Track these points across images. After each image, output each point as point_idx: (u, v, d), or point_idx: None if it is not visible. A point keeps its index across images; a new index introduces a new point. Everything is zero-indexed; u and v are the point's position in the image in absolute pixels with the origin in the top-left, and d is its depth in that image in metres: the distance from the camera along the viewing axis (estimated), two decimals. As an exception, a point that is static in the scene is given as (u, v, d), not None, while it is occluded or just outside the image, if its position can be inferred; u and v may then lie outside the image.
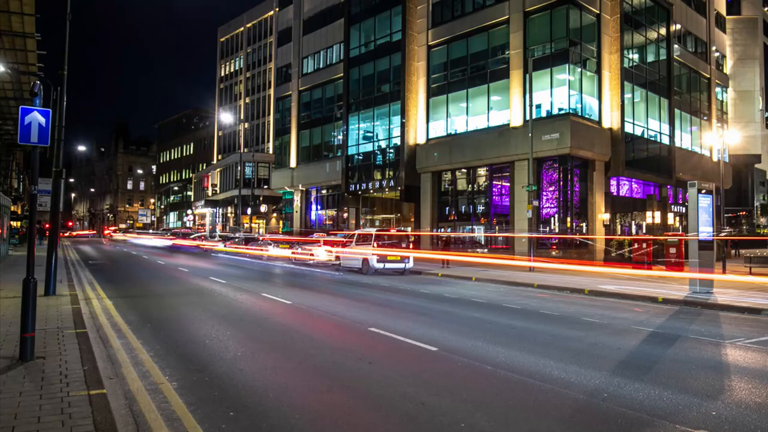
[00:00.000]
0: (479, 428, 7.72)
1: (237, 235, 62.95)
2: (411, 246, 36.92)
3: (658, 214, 50.63)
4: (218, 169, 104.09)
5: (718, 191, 46.07)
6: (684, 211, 52.36)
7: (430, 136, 53.65)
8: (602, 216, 45.37)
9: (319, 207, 71.79)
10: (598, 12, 46.21)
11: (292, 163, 72.14)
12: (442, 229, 52.79)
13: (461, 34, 51.20)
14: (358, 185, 60.15)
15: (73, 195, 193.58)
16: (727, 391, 9.51)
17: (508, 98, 47.11)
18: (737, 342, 13.82)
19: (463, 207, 52.15)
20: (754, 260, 35.54)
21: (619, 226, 48.67)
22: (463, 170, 51.67)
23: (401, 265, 34.36)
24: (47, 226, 51.21)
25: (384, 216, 62.58)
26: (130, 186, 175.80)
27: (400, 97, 55.19)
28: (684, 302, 21.01)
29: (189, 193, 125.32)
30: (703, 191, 23.79)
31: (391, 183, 56.18)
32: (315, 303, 20.81)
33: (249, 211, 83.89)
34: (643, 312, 19.10)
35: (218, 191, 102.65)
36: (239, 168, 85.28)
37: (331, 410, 8.53)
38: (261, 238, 56.98)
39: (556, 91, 44.60)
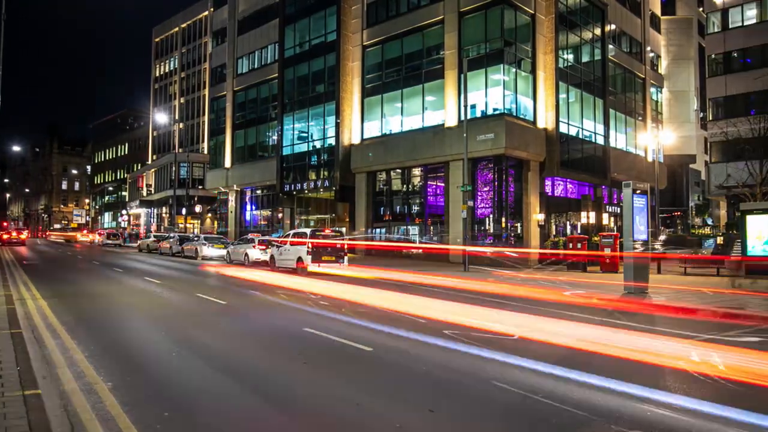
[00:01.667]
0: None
1: (171, 235, 61.94)
2: (346, 247, 36.34)
3: (593, 214, 50.70)
4: (153, 170, 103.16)
5: (653, 191, 46.23)
6: (619, 211, 52.48)
7: (365, 136, 53.20)
8: (537, 216, 45.25)
9: (254, 207, 71.43)
10: (532, 12, 46.11)
11: (227, 163, 71.56)
12: (377, 230, 52.55)
13: (396, 34, 50.83)
14: (293, 185, 59.72)
15: (8, 195, 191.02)
16: (662, 391, 9.37)
17: (443, 98, 46.81)
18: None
19: (398, 207, 51.94)
20: (688, 261, 35.61)
21: (553, 227, 48.62)
22: (398, 170, 51.46)
23: (336, 266, 33.88)
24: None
25: (319, 216, 62.03)
26: (64, 186, 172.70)
27: (334, 97, 54.68)
28: (619, 303, 20.92)
29: (124, 193, 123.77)
30: (638, 191, 23.71)
31: (326, 183, 55.79)
32: (249, 303, 21.03)
33: (184, 211, 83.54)
34: (579, 312, 18.77)
35: (153, 191, 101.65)
36: (174, 168, 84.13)
37: (266, 410, 8.58)
38: (195, 238, 56.13)
39: (491, 92, 44.43)
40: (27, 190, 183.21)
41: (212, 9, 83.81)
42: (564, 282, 28.96)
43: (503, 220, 44.08)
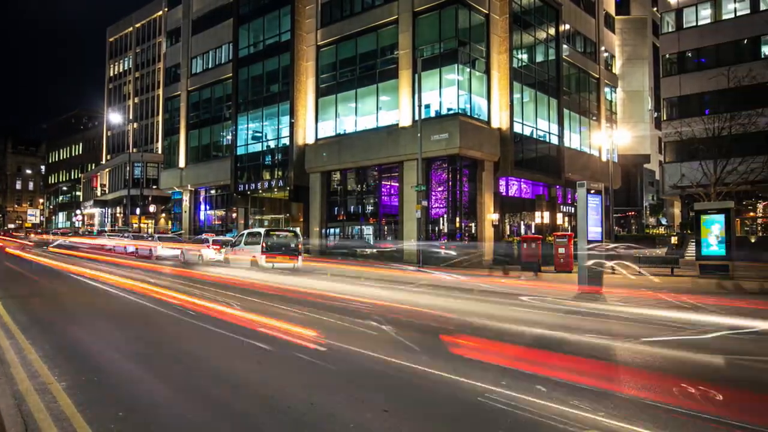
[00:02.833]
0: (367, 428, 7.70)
1: (125, 235, 61.42)
2: (300, 246, 36.15)
3: (547, 214, 50.83)
4: (107, 169, 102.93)
5: (608, 191, 46.36)
6: (573, 211, 52.69)
7: (319, 136, 52.89)
8: (491, 216, 45.25)
9: (208, 207, 71.10)
10: (487, 12, 46.07)
11: (181, 163, 71.05)
12: (332, 230, 52.38)
13: (350, 34, 50.60)
14: (247, 185, 59.32)
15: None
16: (616, 391, 9.39)
17: (397, 98, 46.64)
18: (626, 342, 13.65)
19: (353, 207, 51.71)
20: (642, 260, 35.73)
21: (508, 226, 48.66)
22: (353, 170, 51.11)
23: (290, 265, 34.14)
24: None
25: (273, 216, 61.75)
26: (19, 186, 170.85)
27: (289, 97, 54.24)
28: (574, 302, 20.82)
29: (78, 193, 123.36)
30: (592, 191, 23.71)
31: (281, 183, 55.44)
32: (205, 303, 20.31)
33: (138, 211, 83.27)
34: (534, 313, 18.71)
35: (107, 191, 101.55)
36: (128, 168, 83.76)
37: (221, 410, 8.40)
38: (150, 238, 55.59)
39: (446, 91, 44.29)
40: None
41: (166, 9, 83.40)
42: (506, 289, 28.72)
43: (457, 219, 43.96)
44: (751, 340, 14.34)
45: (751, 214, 54.73)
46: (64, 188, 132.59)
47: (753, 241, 50.83)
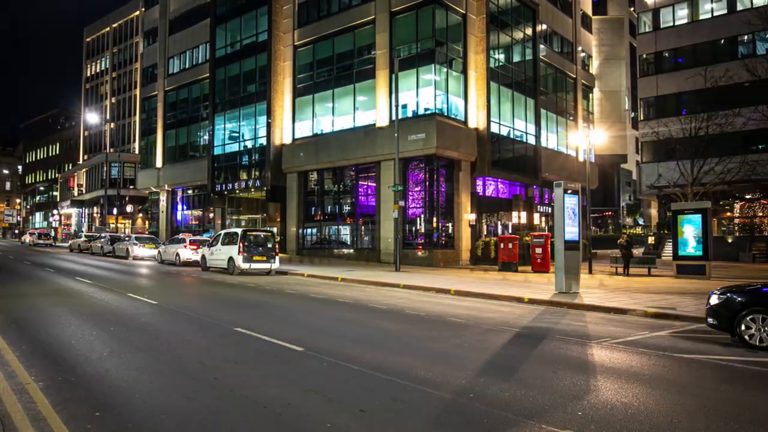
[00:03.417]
0: (345, 428, 7.69)
1: (102, 235, 61.13)
2: (277, 246, 36.05)
3: (524, 214, 50.80)
4: (84, 169, 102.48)
5: (585, 191, 46.29)
6: (550, 211, 52.75)
7: (296, 136, 52.72)
8: (468, 216, 45.26)
9: (185, 207, 70.86)
10: (464, 12, 46.03)
11: (159, 163, 70.89)
12: (309, 230, 52.27)
13: (327, 34, 50.43)
14: (224, 185, 59.27)
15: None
16: (593, 391, 9.47)
17: (374, 98, 46.54)
18: (603, 342, 13.85)
19: (330, 207, 51.67)
20: (620, 260, 35.80)
21: (485, 227, 48.65)
22: (330, 170, 51.04)
23: (267, 266, 34.29)
24: None
25: (250, 216, 61.57)
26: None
27: (266, 97, 54.19)
28: (550, 303, 21.04)
29: (55, 193, 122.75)
30: (569, 191, 23.67)
31: (258, 183, 55.35)
32: (181, 303, 20.85)
33: (115, 211, 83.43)
34: (509, 313, 18.87)
35: (84, 191, 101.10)
36: (105, 168, 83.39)
37: (197, 410, 8.38)
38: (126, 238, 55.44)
39: (423, 92, 44.23)
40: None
41: (143, 9, 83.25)
42: (481, 289, 28.62)
43: (434, 219, 43.90)
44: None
45: (728, 214, 55.08)
46: (41, 188, 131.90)
47: (730, 241, 51.14)
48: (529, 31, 53.03)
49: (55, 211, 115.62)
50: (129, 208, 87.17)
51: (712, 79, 46.10)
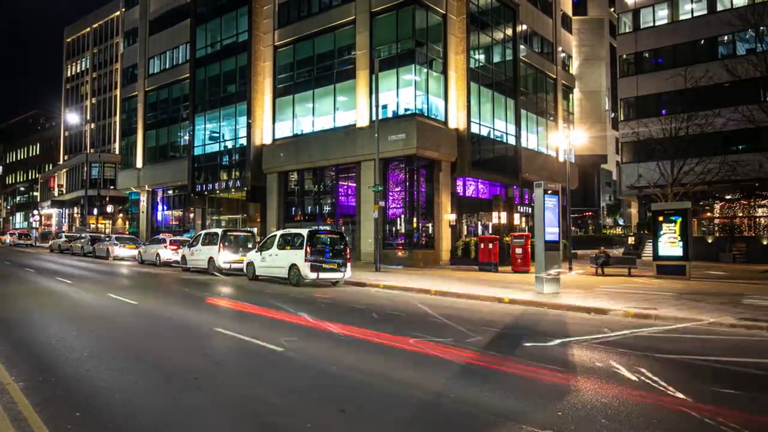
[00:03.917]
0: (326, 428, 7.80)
1: (83, 235, 60.92)
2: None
3: (504, 214, 50.72)
4: (65, 170, 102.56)
5: (565, 191, 46.33)
6: (530, 211, 52.84)
7: (276, 137, 52.63)
8: (448, 216, 45.26)
9: (165, 207, 70.71)
10: (444, 12, 46.02)
11: (139, 163, 70.78)
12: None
13: (308, 34, 50.31)
14: (204, 185, 59.13)
15: None
16: (573, 392, 9.50)
17: (354, 99, 46.49)
18: (583, 342, 13.92)
19: (310, 207, 51.59)
20: (599, 260, 35.82)
21: (465, 227, 48.67)
22: (310, 170, 50.96)
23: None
24: None
25: (230, 216, 61.44)
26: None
27: (246, 97, 54.06)
28: (530, 303, 21.01)
29: (35, 193, 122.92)
30: (550, 191, 23.66)
31: (238, 183, 55.26)
32: (161, 303, 21.15)
33: (95, 211, 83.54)
34: (489, 313, 18.91)
35: (65, 192, 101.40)
36: (85, 168, 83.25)
37: (178, 411, 8.46)
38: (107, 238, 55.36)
39: (403, 92, 44.16)
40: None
41: (124, 9, 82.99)
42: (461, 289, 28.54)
43: (415, 220, 43.87)
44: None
45: (708, 214, 55.22)
46: (22, 189, 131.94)
47: (710, 241, 51.36)
48: (509, 31, 53.06)
49: (35, 212, 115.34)
50: (109, 209, 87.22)
51: (692, 80, 46.12)
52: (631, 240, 59.40)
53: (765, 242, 49.20)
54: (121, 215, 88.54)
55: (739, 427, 7.90)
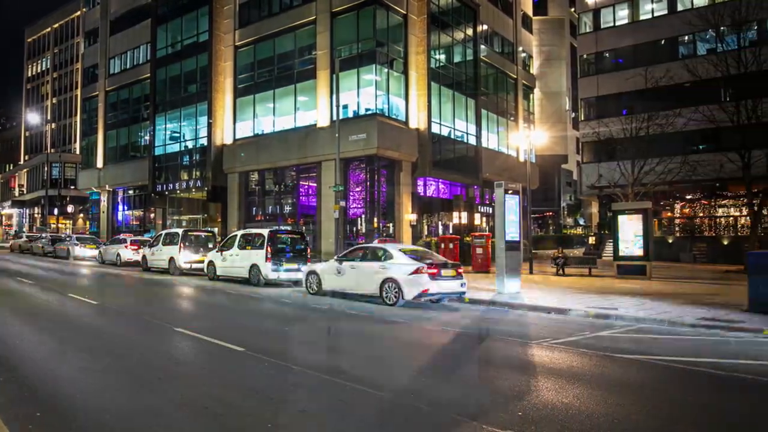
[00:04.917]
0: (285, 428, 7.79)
1: (43, 235, 60.43)
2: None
3: (465, 214, 50.93)
4: (25, 170, 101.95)
5: (525, 191, 46.44)
6: (491, 211, 53.00)
7: (237, 137, 52.50)
8: (409, 216, 45.31)
9: (126, 207, 70.38)
10: (405, 12, 46.06)
11: (99, 163, 70.31)
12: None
13: (268, 34, 50.21)
14: (165, 185, 58.83)
15: None
16: (534, 392, 9.50)
17: (315, 99, 46.47)
18: (544, 342, 13.90)
19: (271, 207, 51.62)
20: (558, 260, 35.98)
21: (426, 227, 48.72)
22: (271, 170, 50.99)
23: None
24: None
25: (191, 216, 61.14)
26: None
27: (207, 97, 53.86)
28: (491, 303, 21.05)
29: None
30: (510, 191, 23.77)
31: (198, 183, 55.05)
32: (122, 303, 21.21)
33: (56, 211, 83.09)
34: (447, 312, 19.02)
35: (25, 192, 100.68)
36: (46, 168, 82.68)
37: (141, 411, 8.38)
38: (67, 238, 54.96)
39: (364, 92, 44.21)
40: None
41: (84, 9, 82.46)
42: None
43: (375, 220, 44.00)
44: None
45: (669, 214, 55.62)
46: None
47: (670, 241, 51.76)
48: (470, 31, 53.25)
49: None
50: (70, 209, 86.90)
51: (652, 80, 46.29)
52: (591, 240, 59.61)
53: (725, 242, 49.64)
54: (81, 215, 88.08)
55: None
